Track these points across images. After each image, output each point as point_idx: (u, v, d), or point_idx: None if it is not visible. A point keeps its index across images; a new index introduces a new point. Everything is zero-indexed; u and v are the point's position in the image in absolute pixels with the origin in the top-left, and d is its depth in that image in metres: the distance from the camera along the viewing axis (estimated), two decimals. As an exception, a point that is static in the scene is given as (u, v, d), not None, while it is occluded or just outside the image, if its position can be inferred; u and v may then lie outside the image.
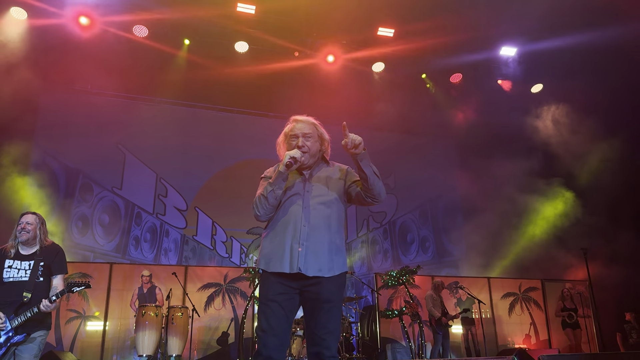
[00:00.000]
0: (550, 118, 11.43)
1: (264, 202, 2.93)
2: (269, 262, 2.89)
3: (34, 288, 3.98)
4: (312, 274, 2.81)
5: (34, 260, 4.08)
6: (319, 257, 2.85)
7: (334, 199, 3.02)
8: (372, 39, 10.23)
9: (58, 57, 9.39)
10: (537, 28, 9.77)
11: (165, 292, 8.22)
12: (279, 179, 2.91)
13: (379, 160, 12.00)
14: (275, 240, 2.93)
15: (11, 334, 3.88)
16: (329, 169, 3.17)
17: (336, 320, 2.87)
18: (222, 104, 11.51)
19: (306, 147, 3.03)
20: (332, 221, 2.96)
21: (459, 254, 12.46)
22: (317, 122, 3.18)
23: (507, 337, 10.27)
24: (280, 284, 2.84)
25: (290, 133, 3.10)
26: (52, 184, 10.11)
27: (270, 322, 2.79)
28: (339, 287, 2.93)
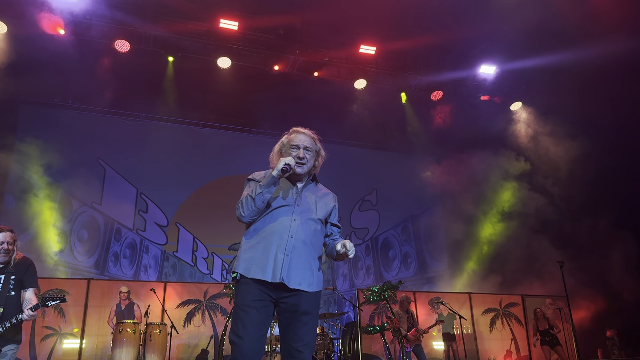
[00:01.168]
0: (530, 136, 11.63)
1: (250, 203, 2.90)
2: (250, 268, 2.84)
3: (5, 302, 3.92)
4: (293, 286, 2.80)
5: (5, 274, 4.02)
6: (301, 271, 2.85)
7: (319, 220, 3.04)
8: (354, 56, 10.36)
9: (38, 71, 9.32)
10: (516, 47, 9.99)
11: (144, 308, 8.10)
12: (270, 183, 2.90)
13: (361, 177, 12.14)
14: (258, 247, 2.89)
15: None
16: (318, 190, 3.21)
17: (313, 333, 2.85)
18: (204, 119, 11.52)
19: (305, 159, 3.07)
20: (315, 239, 2.99)
21: (441, 269, 12.51)
22: (316, 136, 3.23)
23: (489, 353, 10.27)
24: (259, 290, 2.80)
25: (292, 143, 3.11)
26: (31, 199, 9.97)
27: (247, 328, 2.73)
28: (316, 301, 2.92)
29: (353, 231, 12.58)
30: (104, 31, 9.28)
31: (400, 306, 8.75)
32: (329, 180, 12.76)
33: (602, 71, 9.34)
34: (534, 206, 10.98)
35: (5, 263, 4.05)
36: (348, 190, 12.60)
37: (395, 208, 12.78)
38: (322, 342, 7.91)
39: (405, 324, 8.54)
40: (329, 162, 12.06)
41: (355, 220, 12.69)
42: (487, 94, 11.47)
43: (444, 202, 12.97)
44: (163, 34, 9.57)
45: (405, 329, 8.43)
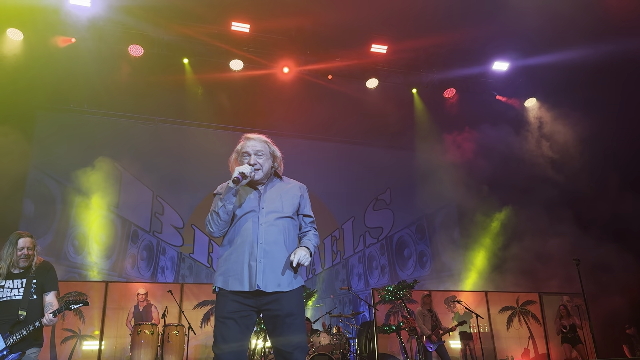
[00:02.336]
0: (545, 133, 11.52)
1: (215, 218, 2.95)
2: (227, 281, 2.88)
3: (28, 306, 3.99)
4: (271, 290, 2.84)
5: (26, 278, 4.08)
6: (277, 273, 2.88)
7: (289, 215, 3.06)
8: (366, 56, 10.35)
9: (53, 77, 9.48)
10: (530, 43, 9.90)
11: (161, 310, 8.18)
12: (228, 194, 2.92)
13: (375, 176, 12.12)
14: (231, 258, 2.93)
15: (5, 352, 3.88)
16: (282, 184, 3.19)
17: (300, 333, 2.87)
18: (218, 122, 11.58)
19: (258, 164, 3.05)
20: (287, 236, 3.00)
21: (457, 268, 12.44)
22: (269, 139, 3.22)
23: (506, 351, 10.19)
24: (237, 302, 2.85)
25: (242, 150, 3.12)
26: (49, 204, 10.14)
27: (226, 338, 2.79)
28: (298, 300, 2.94)
29: (367, 230, 12.58)
30: (117, 36, 9.39)
31: (423, 305, 8.68)
32: (342, 180, 12.82)
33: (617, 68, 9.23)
34: (551, 203, 10.86)
35: (26, 268, 4.13)
36: (361, 190, 12.60)
37: (410, 207, 12.74)
38: (339, 342, 7.93)
39: (429, 323, 8.47)
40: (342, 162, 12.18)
41: (369, 219, 12.68)
42: (500, 90, 11.39)
43: (459, 200, 12.90)
44: (176, 38, 9.66)
45: (429, 329, 8.37)
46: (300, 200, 3.17)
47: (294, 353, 2.81)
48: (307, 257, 2.91)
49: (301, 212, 3.18)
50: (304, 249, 2.94)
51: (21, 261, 4.09)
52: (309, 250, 2.96)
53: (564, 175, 10.65)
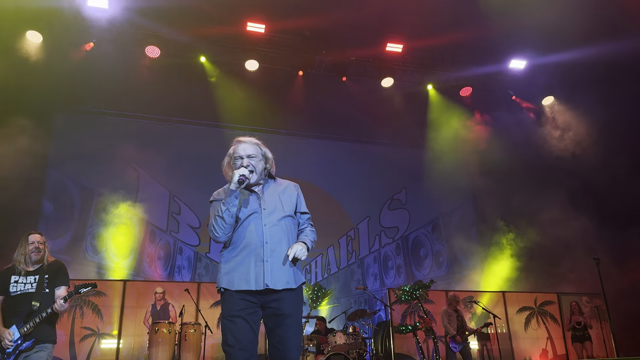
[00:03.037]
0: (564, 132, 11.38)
1: (220, 222, 2.98)
2: (233, 281, 2.95)
3: (41, 298, 4.23)
4: (281, 287, 2.93)
5: (39, 274, 4.34)
6: (284, 271, 2.97)
7: (289, 213, 3.15)
8: (381, 55, 10.32)
9: (72, 79, 9.60)
10: (547, 41, 9.79)
11: (179, 308, 8.25)
12: (231, 197, 2.97)
13: (390, 176, 12.04)
14: (236, 259, 2.99)
15: (20, 342, 4.11)
16: (277, 185, 3.26)
17: (297, 334, 2.99)
18: (234, 121, 11.63)
19: (252, 166, 3.11)
20: (290, 235, 3.10)
21: (474, 268, 12.34)
22: (259, 142, 3.27)
23: (524, 352, 10.09)
24: (243, 300, 2.92)
25: (235, 155, 3.18)
26: (68, 204, 10.28)
27: (236, 336, 2.86)
28: (298, 301, 3.05)
29: (383, 230, 12.54)
30: (134, 38, 9.49)
31: (449, 305, 8.63)
32: (357, 180, 12.80)
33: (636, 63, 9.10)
34: (570, 201, 10.71)
35: (39, 263, 4.38)
36: (377, 189, 12.57)
37: (426, 206, 12.67)
38: (355, 342, 7.92)
39: (455, 323, 8.42)
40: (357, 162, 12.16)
41: (385, 219, 12.65)
42: (517, 89, 11.28)
43: (476, 200, 12.81)
44: (192, 39, 9.73)
45: (455, 329, 8.32)
46: (297, 199, 3.25)
47: (290, 352, 2.91)
48: (303, 251, 2.99)
49: (298, 210, 3.25)
50: (301, 243, 3.02)
51: (33, 255, 4.33)
52: (305, 245, 3.04)
53: (584, 172, 10.50)
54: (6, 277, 4.30)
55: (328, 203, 12.22)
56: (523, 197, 11.36)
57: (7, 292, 4.25)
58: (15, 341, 4.10)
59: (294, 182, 3.33)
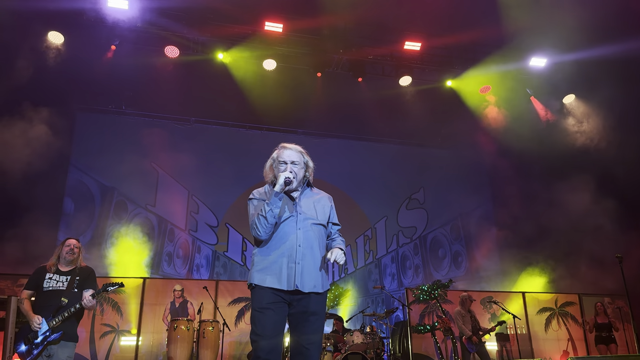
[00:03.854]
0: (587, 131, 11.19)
1: (263, 221, 3.12)
2: (265, 279, 3.09)
3: (69, 296, 4.61)
4: (308, 290, 3.07)
5: (71, 275, 4.75)
6: (313, 275, 3.11)
7: (322, 222, 3.29)
8: (399, 53, 10.27)
9: (93, 79, 9.72)
10: (568, 39, 9.63)
11: (197, 306, 8.30)
12: (275, 198, 3.11)
13: (408, 175, 11.94)
14: (269, 258, 3.13)
15: (48, 333, 4.45)
16: (314, 194, 3.41)
17: (320, 332, 3.13)
18: (252, 121, 11.68)
19: (294, 172, 3.24)
20: (320, 241, 3.24)
21: (493, 268, 12.21)
22: (303, 150, 3.40)
23: (544, 353, 9.95)
24: (273, 294, 3.06)
25: (279, 159, 3.31)
26: (88, 202, 10.42)
27: (265, 326, 2.99)
28: (324, 302, 3.20)
29: (400, 230, 12.47)
30: (154, 38, 9.57)
31: (462, 305, 8.55)
32: (375, 179, 12.76)
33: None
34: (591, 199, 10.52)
35: (72, 265, 4.79)
36: (394, 189, 12.52)
37: (444, 206, 12.58)
38: (372, 341, 7.89)
39: (469, 324, 8.34)
40: (375, 161, 12.15)
41: (403, 219, 12.58)
42: (537, 87, 11.13)
43: (495, 199, 12.68)
44: (210, 39, 9.78)
45: (469, 329, 8.24)
46: (330, 210, 3.40)
47: (311, 349, 3.04)
48: (342, 256, 3.15)
49: (331, 221, 3.40)
50: (339, 249, 3.17)
51: (67, 255, 4.75)
52: (343, 252, 3.20)
53: (606, 170, 10.31)
54: (41, 274, 4.69)
55: (345, 202, 12.20)
56: (543, 196, 11.22)
57: (40, 288, 4.62)
58: (43, 333, 4.43)
59: (328, 194, 3.49)
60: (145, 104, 10.97)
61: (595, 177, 10.53)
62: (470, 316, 8.45)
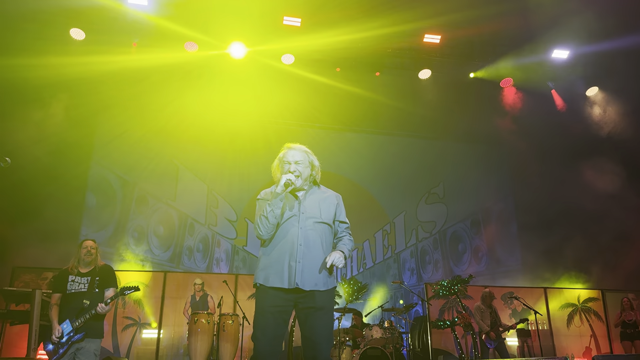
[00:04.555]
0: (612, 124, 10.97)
1: (265, 222, 3.21)
2: (268, 278, 3.17)
3: (91, 297, 4.86)
4: (308, 289, 3.12)
5: (91, 276, 5.00)
6: (315, 273, 3.17)
7: (326, 221, 3.33)
8: (418, 46, 10.16)
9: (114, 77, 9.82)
10: (592, 29, 9.44)
11: (217, 300, 8.37)
12: (276, 199, 3.18)
13: (427, 170, 11.86)
14: (272, 258, 3.21)
15: (72, 334, 4.72)
16: (320, 192, 3.47)
17: (328, 326, 3.19)
18: (269, 116, 11.68)
19: (298, 171, 3.32)
20: (324, 240, 3.29)
21: (514, 263, 12.08)
22: (308, 150, 3.48)
23: (566, 349, 9.83)
24: (276, 297, 3.14)
25: (284, 159, 3.39)
26: (110, 197, 10.56)
27: (263, 331, 3.10)
28: (330, 297, 3.26)
29: (419, 225, 12.40)
30: (173, 33, 9.60)
31: (483, 301, 8.50)
32: (394, 174, 12.66)
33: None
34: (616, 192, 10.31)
35: (91, 266, 5.05)
36: (413, 184, 12.43)
37: (464, 201, 12.45)
38: (391, 336, 7.87)
39: (488, 319, 8.29)
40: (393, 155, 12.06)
41: (422, 213, 12.50)
42: (560, 79, 10.93)
43: (516, 194, 12.51)
44: (228, 34, 9.80)
45: (488, 325, 8.19)
46: (336, 208, 3.43)
47: (320, 342, 3.10)
48: (341, 259, 3.18)
49: (337, 219, 3.43)
50: (339, 252, 3.22)
51: (85, 257, 5.01)
52: (343, 254, 3.24)
53: (630, 164, 10.12)
54: (64, 277, 4.95)
55: (363, 197, 12.17)
56: (565, 191, 11.05)
57: (64, 290, 4.90)
58: (68, 333, 4.72)
59: (336, 193, 3.53)
60: (165, 101, 11.03)
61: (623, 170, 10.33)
62: (491, 312, 8.38)
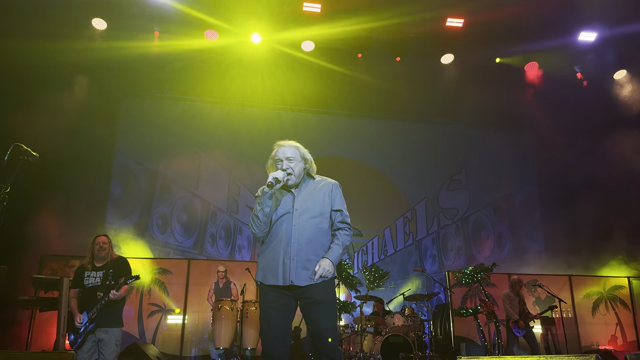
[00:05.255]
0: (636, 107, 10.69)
1: (256, 220, 3.30)
2: (265, 276, 3.28)
3: (105, 289, 5.14)
4: (304, 284, 3.18)
5: (105, 269, 5.29)
6: (309, 270, 3.22)
7: (320, 213, 3.37)
8: (440, 31, 9.99)
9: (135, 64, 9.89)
10: (621, 10, 9.16)
11: (240, 287, 8.47)
12: (264, 197, 3.26)
13: (450, 156, 11.75)
14: (268, 256, 3.30)
15: (87, 324, 5.03)
16: (315, 184, 3.47)
17: (331, 317, 3.24)
18: (289, 103, 11.65)
19: (290, 168, 3.35)
20: (320, 233, 3.33)
21: (538, 251, 11.93)
22: (298, 144, 3.52)
23: (591, 337, 9.72)
24: (276, 292, 3.24)
25: (276, 157, 3.44)
26: (134, 186, 10.71)
27: (269, 325, 3.19)
28: (329, 289, 3.30)
29: (441, 211, 12.31)
30: (193, 21, 9.61)
31: (512, 289, 8.42)
32: (415, 160, 12.55)
33: None
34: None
35: (104, 260, 5.31)
36: (435, 170, 12.32)
37: (487, 187, 12.30)
38: (413, 324, 7.87)
39: (517, 307, 8.23)
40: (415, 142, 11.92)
41: (444, 200, 12.40)
42: (587, 63, 10.66)
43: (540, 180, 12.32)
44: (248, 21, 9.76)
45: (517, 313, 8.13)
46: (331, 197, 3.44)
47: (325, 335, 3.15)
48: (328, 269, 3.21)
49: (332, 208, 3.44)
50: (327, 262, 3.24)
51: (98, 253, 5.30)
52: (331, 263, 3.25)
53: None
54: (81, 273, 5.28)
55: (384, 184, 12.11)
56: (589, 177, 10.82)
57: (82, 285, 5.22)
58: (84, 324, 5.02)
59: (333, 181, 3.53)
60: (186, 88, 11.11)
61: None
62: (519, 300, 8.31)
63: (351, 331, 8.25)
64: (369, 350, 7.68)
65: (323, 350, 3.14)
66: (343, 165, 11.77)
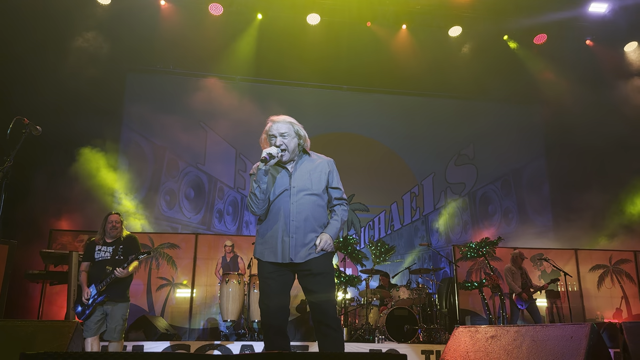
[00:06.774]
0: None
1: (254, 198, 3.27)
2: (263, 253, 3.29)
3: (114, 264, 5.23)
4: (302, 260, 3.21)
5: (115, 245, 5.41)
6: (308, 246, 3.24)
7: (317, 191, 3.35)
8: (448, 2, 9.83)
9: (140, 39, 9.85)
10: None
11: (247, 261, 8.56)
12: (260, 174, 3.21)
13: (457, 130, 11.68)
14: (267, 234, 3.29)
15: (96, 296, 5.16)
16: (311, 161, 3.45)
17: (328, 290, 3.26)
18: (297, 78, 11.59)
19: (284, 144, 3.31)
20: (317, 210, 3.34)
21: (544, 225, 11.93)
22: (293, 120, 3.45)
23: (596, 310, 9.77)
24: (274, 267, 3.26)
25: (269, 133, 3.39)
26: (142, 161, 10.77)
27: (268, 295, 3.23)
28: (327, 261, 3.31)
29: (448, 186, 12.30)
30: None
31: (514, 263, 8.48)
32: (422, 135, 12.49)
33: None
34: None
35: (116, 237, 5.43)
36: (442, 145, 12.26)
37: (495, 161, 12.25)
38: (419, 297, 7.94)
39: (519, 280, 8.30)
40: (422, 116, 11.87)
41: (451, 175, 12.37)
42: (597, 34, 10.47)
43: (548, 154, 12.24)
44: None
45: (519, 286, 8.19)
46: (328, 175, 3.43)
47: (322, 305, 3.18)
48: (329, 243, 3.25)
49: (329, 186, 3.44)
50: (327, 236, 3.26)
51: (111, 231, 5.39)
52: (331, 237, 3.28)
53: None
54: (92, 247, 5.38)
55: (391, 159, 12.09)
56: (598, 150, 10.74)
57: (93, 259, 5.33)
58: (93, 296, 5.14)
59: (329, 158, 3.51)
60: (192, 63, 11.07)
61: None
62: (522, 273, 8.36)
63: (357, 304, 8.34)
64: (374, 323, 7.78)
65: (323, 320, 3.19)
66: (350, 140, 11.75)
